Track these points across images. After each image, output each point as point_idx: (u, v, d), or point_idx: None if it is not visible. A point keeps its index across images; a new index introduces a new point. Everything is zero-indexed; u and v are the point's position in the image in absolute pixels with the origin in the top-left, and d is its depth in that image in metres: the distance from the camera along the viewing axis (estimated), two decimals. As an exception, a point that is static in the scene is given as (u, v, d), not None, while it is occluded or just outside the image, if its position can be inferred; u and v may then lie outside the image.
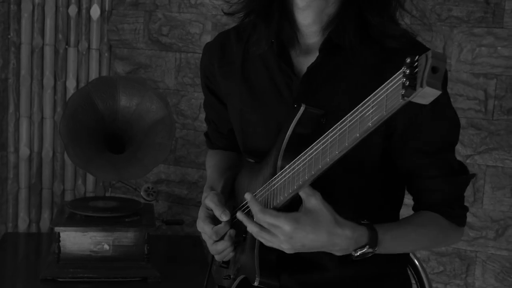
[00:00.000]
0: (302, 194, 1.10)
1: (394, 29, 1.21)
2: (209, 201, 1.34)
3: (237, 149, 1.52)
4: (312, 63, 1.24)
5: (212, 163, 1.53)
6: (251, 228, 1.15)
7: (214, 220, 1.33)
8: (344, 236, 1.11)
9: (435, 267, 2.22)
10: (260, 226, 1.13)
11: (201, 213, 1.36)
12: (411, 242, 1.24)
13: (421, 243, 1.29)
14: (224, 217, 1.30)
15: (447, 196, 1.26)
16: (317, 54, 1.24)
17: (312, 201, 1.10)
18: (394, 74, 0.86)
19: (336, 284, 1.30)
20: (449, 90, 2.09)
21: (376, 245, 1.14)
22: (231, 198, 1.45)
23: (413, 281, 1.48)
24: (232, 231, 1.32)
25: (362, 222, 1.16)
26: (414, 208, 1.31)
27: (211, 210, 1.34)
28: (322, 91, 1.24)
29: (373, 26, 1.21)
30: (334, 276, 1.29)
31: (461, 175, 1.27)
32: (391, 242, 1.19)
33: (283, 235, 1.10)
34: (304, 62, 1.27)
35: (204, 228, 1.34)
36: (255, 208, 1.14)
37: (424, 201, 1.28)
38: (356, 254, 1.13)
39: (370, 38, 1.22)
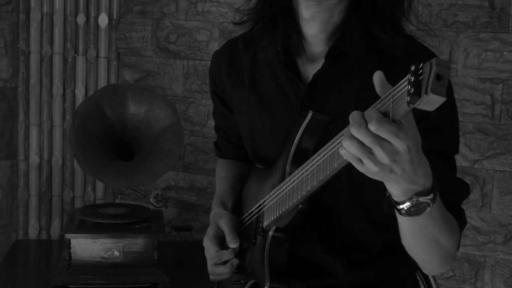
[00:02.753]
0: (404, 119, 0.90)
1: (398, 41, 1.22)
2: (224, 224, 1.36)
3: (247, 158, 1.54)
4: (318, 70, 1.25)
5: (222, 175, 1.54)
6: (367, 139, 0.89)
7: (222, 241, 1.35)
8: (425, 162, 0.96)
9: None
10: (376, 138, 0.90)
11: (211, 231, 1.39)
12: (444, 224, 1.08)
13: (446, 232, 1.11)
14: (232, 245, 1.33)
15: (455, 195, 1.21)
16: (322, 61, 1.26)
17: (410, 115, 0.90)
18: (398, 80, 0.87)
19: (345, 289, 1.31)
20: (456, 96, 2.10)
21: (436, 197, 1.00)
22: (238, 208, 1.47)
23: (422, 287, 1.48)
24: (235, 261, 1.34)
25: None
26: None
27: (222, 231, 1.36)
28: (328, 98, 1.25)
29: (377, 38, 1.23)
30: (343, 281, 1.30)
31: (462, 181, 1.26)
32: (439, 210, 1.04)
33: (403, 148, 0.89)
34: (310, 70, 1.28)
35: (209, 247, 1.37)
36: (374, 115, 0.89)
37: None
38: (415, 199, 0.98)
39: (374, 46, 1.23)
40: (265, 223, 1.28)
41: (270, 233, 1.25)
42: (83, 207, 2.35)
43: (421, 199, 0.98)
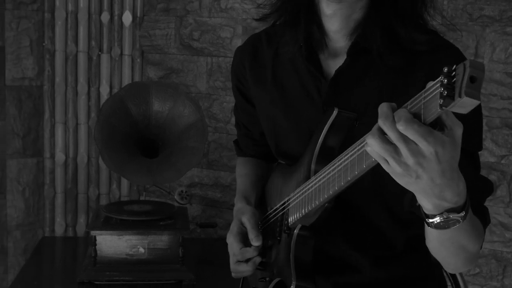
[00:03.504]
0: (448, 121, 0.87)
1: (419, 36, 1.20)
2: (246, 220, 1.36)
3: (267, 157, 1.53)
4: (340, 66, 1.25)
5: (243, 172, 1.54)
6: (392, 134, 0.87)
7: (245, 238, 1.35)
8: (461, 181, 0.94)
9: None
10: (402, 135, 0.87)
11: (234, 227, 1.39)
12: (473, 232, 1.07)
13: (473, 239, 1.09)
14: (256, 242, 1.32)
15: (478, 193, 1.18)
16: (345, 57, 1.25)
17: (458, 132, 0.88)
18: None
19: (370, 286, 1.30)
20: (482, 90, 2.07)
21: (467, 214, 0.98)
22: (262, 204, 1.47)
23: (448, 283, 1.47)
24: (257, 259, 1.33)
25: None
26: None
27: (245, 227, 1.36)
28: (350, 94, 1.24)
29: (398, 34, 1.21)
30: (369, 278, 1.30)
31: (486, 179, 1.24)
32: (468, 221, 1.01)
33: (429, 152, 0.86)
34: (333, 66, 1.28)
35: (233, 245, 1.36)
36: (404, 114, 0.86)
37: None
38: (446, 216, 0.96)
39: (396, 42, 1.22)
40: (290, 220, 1.27)
41: (296, 231, 1.24)
42: (108, 204, 2.36)
43: (452, 215, 0.96)
